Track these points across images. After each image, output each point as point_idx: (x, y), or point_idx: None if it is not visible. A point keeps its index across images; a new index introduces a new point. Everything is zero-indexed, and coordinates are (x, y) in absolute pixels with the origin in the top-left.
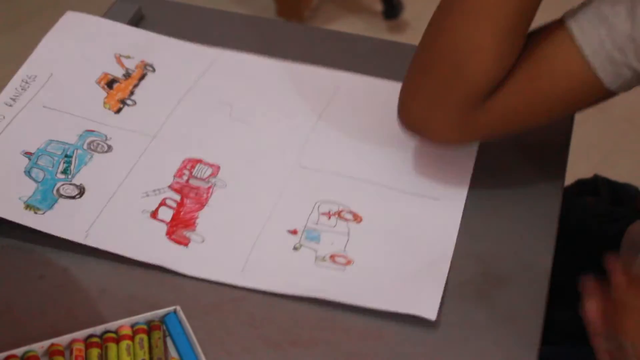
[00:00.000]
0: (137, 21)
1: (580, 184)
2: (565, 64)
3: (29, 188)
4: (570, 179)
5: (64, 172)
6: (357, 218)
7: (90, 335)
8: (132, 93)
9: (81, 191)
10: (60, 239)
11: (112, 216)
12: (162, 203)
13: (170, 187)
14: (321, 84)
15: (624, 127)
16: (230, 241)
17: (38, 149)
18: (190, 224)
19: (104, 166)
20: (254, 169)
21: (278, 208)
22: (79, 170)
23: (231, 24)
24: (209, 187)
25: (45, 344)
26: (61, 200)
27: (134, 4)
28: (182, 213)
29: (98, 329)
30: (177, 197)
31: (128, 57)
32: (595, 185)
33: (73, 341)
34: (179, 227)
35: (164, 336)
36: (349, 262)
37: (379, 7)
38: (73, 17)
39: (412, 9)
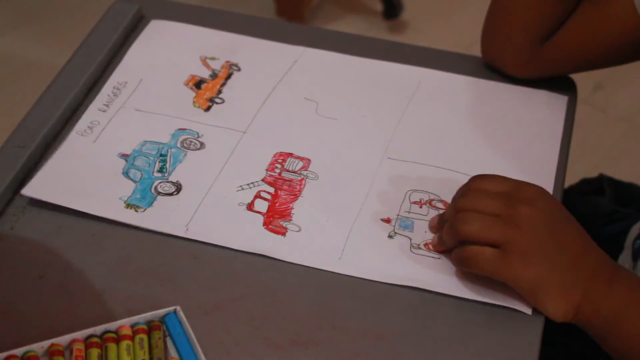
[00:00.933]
0: (137, 21)
1: (585, 183)
2: (618, 12)
3: (128, 188)
4: (570, 178)
5: (160, 170)
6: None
7: (91, 335)
8: (220, 92)
9: (178, 188)
10: (61, 240)
11: (210, 210)
12: (257, 196)
13: (263, 180)
14: (404, 79)
15: (624, 127)
16: (326, 230)
17: (134, 150)
18: (286, 214)
19: (198, 163)
20: (344, 161)
21: (370, 197)
22: (175, 168)
23: (231, 24)
24: (302, 179)
25: (45, 344)
26: (160, 198)
27: (134, 4)
28: (277, 204)
29: (98, 329)
30: (271, 190)
31: (213, 58)
32: (601, 185)
33: (73, 341)
34: (275, 217)
35: (164, 336)
36: (444, 251)
37: (379, 7)
38: (157, 25)
39: (412, 9)
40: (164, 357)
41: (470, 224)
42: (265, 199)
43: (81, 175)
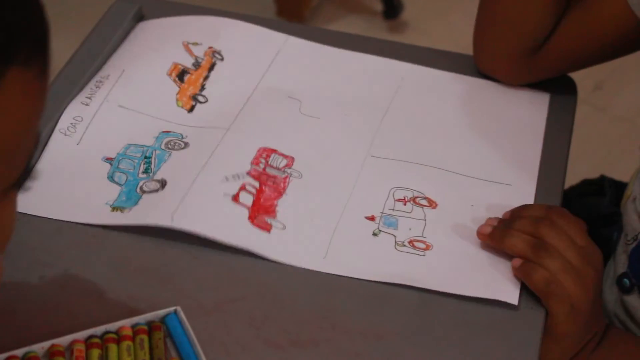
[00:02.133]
0: (137, 21)
1: (586, 184)
2: (611, 10)
3: (113, 192)
4: (570, 179)
5: (145, 171)
6: (432, 204)
7: (91, 336)
8: (203, 87)
9: (163, 184)
10: (61, 240)
11: (195, 200)
12: (242, 187)
13: (248, 173)
14: (387, 75)
15: (624, 127)
16: (310, 228)
17: (118, 153)
18: (270, 211)
19: (183, 160)
20: (327, 159)
21: (354, 196)
22: (159, 168)
23: None
24: (286, 177)
25: (46, 344)
26: (145, 196)
27: (134, 4)
28: (262, 200)
29: (99, 330)
30: (256, 184)
31: (196, 44)
32: (601, 186)
33: (74, 342)
34: (261, 212)
35: (165, 337)
36: (428, 247)
37: (379, 7)
38: (144, 25)
39: (412, 9)
40: (164, 357)
41: (554, 261)
42: (250, 192)
43: (67, 184)
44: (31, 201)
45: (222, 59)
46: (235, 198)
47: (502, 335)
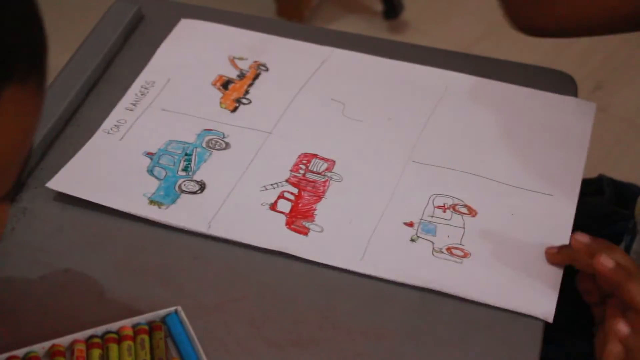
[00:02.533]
0: (137, 21)
1: (585, 183)
2: None
3: (152, 185)
4: None
5: (185, 169)
6: (472, 212)
7: (92, 336)
8: (247, 92)
9: (202, 187)
10: (61, 240)
11: (233, 208)
12: (281, 196)
13: (287, 181)
14: (430, 82)
15: (624, 127)
16: (348, 231)
17: (159, 149)
18: (308, 215)
19: (223, 162)
20: (368, 163)
21: (393, 201)
22: (199, 168)
23: (231, 24)
24: (326, 181)
25: (47, 344)
26: (183, 196)
27: (134, 4)
28: (300, 205)
29: (99, 330)
30: (295, 191)
31: (241, 58)
32: (600, 185)
33: (74, 342)
34: (298, 218)
35: (165, 336)
36: (466, 255)
37: (379, 7)
38: (187, 24)
39: (412, 9)
40: (165, 357)
41: None
42: (288, 200)
43: (106, 171)
44: (68, 182)
45: (267, 70)
46: (273, 207)
47: (503, 335)
